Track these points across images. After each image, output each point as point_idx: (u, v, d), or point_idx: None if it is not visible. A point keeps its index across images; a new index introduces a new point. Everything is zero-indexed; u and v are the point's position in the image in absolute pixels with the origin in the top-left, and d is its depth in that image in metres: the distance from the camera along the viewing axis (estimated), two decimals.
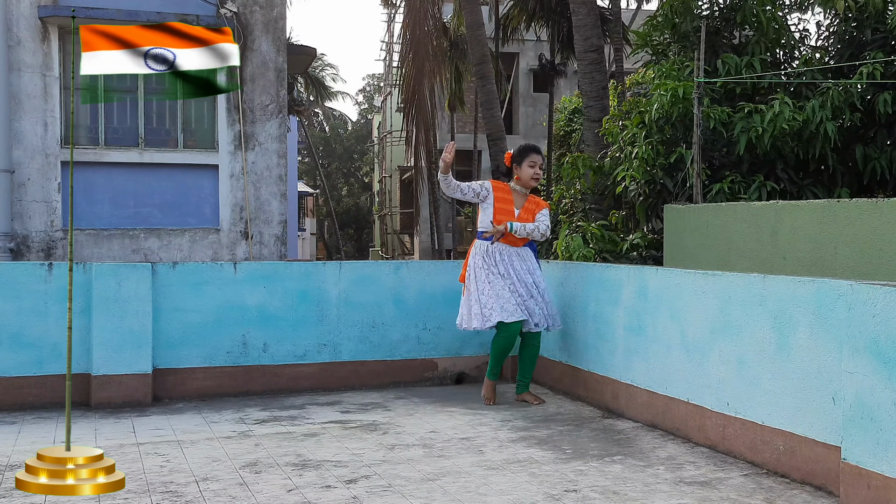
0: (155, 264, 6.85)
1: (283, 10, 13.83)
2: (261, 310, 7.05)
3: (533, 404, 6.66)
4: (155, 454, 5.18)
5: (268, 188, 13.56)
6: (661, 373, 5.78)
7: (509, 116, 31.94)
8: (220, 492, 4.43)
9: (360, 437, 5.64)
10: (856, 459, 4.03)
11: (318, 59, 50.31)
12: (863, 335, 3.98)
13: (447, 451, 5.25)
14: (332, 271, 7.28)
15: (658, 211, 8.74)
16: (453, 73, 27.36)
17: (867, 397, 3.95)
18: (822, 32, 9.44)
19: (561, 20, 21.77)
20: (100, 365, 6.55)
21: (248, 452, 5.22)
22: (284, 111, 13.91)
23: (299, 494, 4.38)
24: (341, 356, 7.26)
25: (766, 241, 6.77)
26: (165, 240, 13.09)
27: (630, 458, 5.09)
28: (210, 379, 6.92)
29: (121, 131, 13.19)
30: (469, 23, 16.78)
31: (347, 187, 60.73)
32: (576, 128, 22.18)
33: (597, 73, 11.38)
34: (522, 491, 4.45)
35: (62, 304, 6.53)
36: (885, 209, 5.82)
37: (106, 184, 12.86)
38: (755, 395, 4.89)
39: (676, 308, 5.61)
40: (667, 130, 8.82)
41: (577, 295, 6.84)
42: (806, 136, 8.20)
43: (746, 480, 4.63)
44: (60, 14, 12.60)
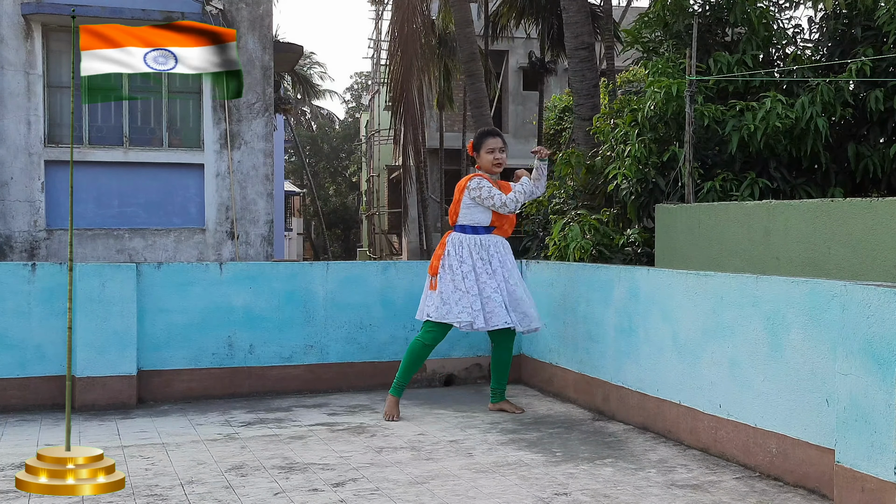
0: (139, 265, 6.77)
1: (269, 7, 13.76)
2: (247, 311, 6.97)
3: (513, 413, 6.36)
4: (140, 457, 5.10)
5: (254, 187, 13.48)
6: (652, 374, 5.72)
7: (499, 115, 31.90)
8: (206, 495, 4.36)
9: (347, 439, 5.57)
10: (850, 462, 3.98)
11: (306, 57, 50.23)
12: (857, 336, 3.93)
13: (436, 454, 5.19)
14: (319, 272, 7.20)
15: (650, 210, 8.69)
16: (442, 71, 27.32)
17: (861, 399, 3.90)
18: (812, 29, 9.42)
19: (551, 17, 21.76)
20: (83, 367, 6.46)
21: (234, 455, 5.15)
22: (271, 109, 13.85)
23: (286, 498, 4.31)
24: (328, 358, 7.19)
25: (759, 240, 6.73)
26: (150, 240, 12.99)
27: (621, 461, 5.04)
28: (195, 381, 6.84)
29: (105, 130, 13.10)
30: (458, 20, 16.73)
31: (335, 187, 60.65)
32: (566, 126, 22.17)
33: (588, 71, 11.34)
34: (512, 494, 4.39)
35: (45, 305, 6.45)
36: (879, 208, 5.78)
37: (90, 183, 12.76)
38: (748, 397, 4.84)
39: (668, 309, 5.55)
40: (659, 129, 8.79)
41: (567, 295, 6.78)
42: (797, 132, 8.16)
43: (739, 484, 4.58)
44: (44, 11, 12.49)
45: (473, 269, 6.18)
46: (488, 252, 6.23)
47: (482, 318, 6.11)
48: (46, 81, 12.86)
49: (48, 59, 12.89)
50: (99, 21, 11.61)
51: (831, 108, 8.26)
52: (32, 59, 12.69)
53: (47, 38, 12.86)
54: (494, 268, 6.22)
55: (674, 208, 7.70)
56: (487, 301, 6.15)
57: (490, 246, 6.24)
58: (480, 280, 6.17)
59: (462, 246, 6.22)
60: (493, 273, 6.20)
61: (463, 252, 6.20)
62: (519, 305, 6.24)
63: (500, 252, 6.27)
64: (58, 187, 12.73)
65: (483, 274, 6.18)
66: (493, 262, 6.22)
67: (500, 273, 6.22)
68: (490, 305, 6.14)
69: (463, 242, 6.23)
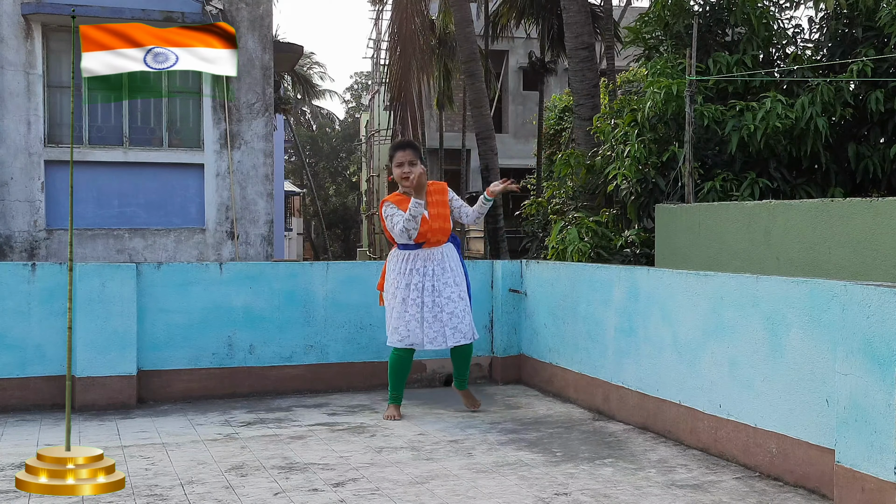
0: (139, 264, 6.76)
1: (269, 7, 13.75)
2: (247, 311, 6.97)
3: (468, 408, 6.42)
4: (140, 457, 5.10)
5: (254, 187, 13.47)
6: (652, 374, 5.72)
7: (499, 115, 31.91)
8: (206, 495, 4.35)
9: (347, 439, 5.56)
10: (850, 462, 3.98)
11: (306, 57, 50.22)
12: (857, 336, 3.93)
13: (436, 454, 5.18)
14: (319, 272, 7.20)
15: (650, 210, 8.69)
16: (442, 70, 27.31)
17: (861, 399, 3.90)
18: (812, 29, 9.43)
19: (551, 17, 21.75)
20: (84, 367, 6.46)
21: (234, 455, 5.14)
22: (271, 109, 13.84)
23: (286, 498, 4.31)
24: (328, 357, 7.18)
25: (759, 241, 6.73)
26: (150, 240, 12.98)
27: (621, 461, 5.03)
28: (195, 381, 6.83)
29: (105, 130, 13.09)
30: (457, 20, 16.73)
31: (335, 186, 60.65)
32: (566, 126, 22.16)
33: (588, 71, 11.34)
34: (512, 494, 4.39)
35: (45, 304, 6.45)
36: (879, 208, 5.78)
37: (90, 183, 12.75)
38: (748, 397, 4.84)
39: (668, 309, 5.55)
40: (659, 129, 8.79)
41: (567, 295, 6.78)
42: (797, 132, 8.17)
43: (739, 484, 4.58)
44: (44, 11, 12.49)
45: (397, 286, 6.16)
46: (415, 266, 6.14)
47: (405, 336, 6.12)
48: (46, 81, 12.85)
49: (48, 59, 12.88)
50: (99, 21, 11.59)
51: (831, 109, 8.27)
52: (32, 59, 12.68)
53: (47, 38, 12.85)
54: (416, 283, 6.12)
55: (674, 208, 7.70)
56: (402, 319, 6.12)
57: (418, 260, 6.15)
58: (397, 298, 6.14)
59: (390, 263, 6.25)
60: (414, 288, 6.12)
61: (391, 271, 6.22)
62: (450, 320, 6.14)
63: (429, 265, 6.16)
64: (58, 187, 12.72)
65: (403, 290, 6.13)
66: (415, 277, 6.12)
67: (421, 288, 6.12)
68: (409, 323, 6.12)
69: (391, 259, 6.26)
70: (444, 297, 6.13)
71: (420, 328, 6.10)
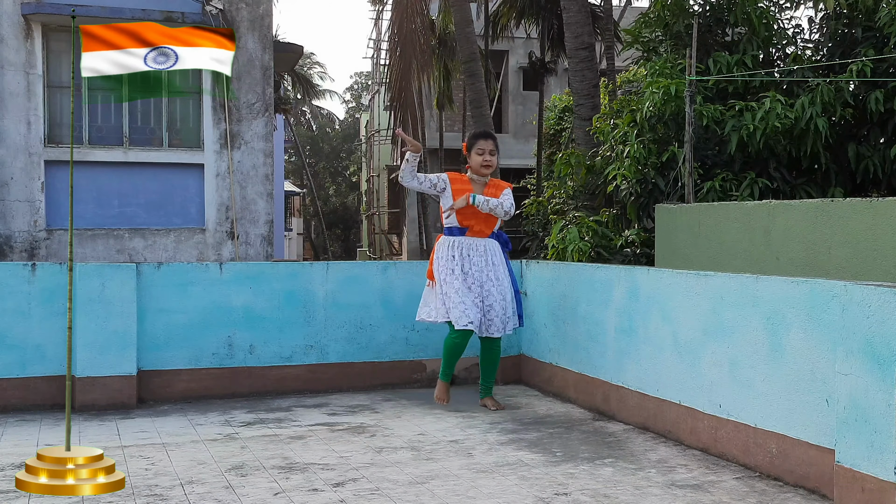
0: (139, 265, 6.76)
1: (269, 7, 13.75)
2: (247, 311, 6.97)
3: (491, 409, 6.48)
4: (140, 457, 5.10)
5: (254, 187, 13.47)
6: (652, 374, 5.72)
7: (499, 115, 31.91)
8: (206, 495, 4.35)
9: (347, 439, 5.56)
10: (850, 462, 3.98)
11: (306, 57, 50.22)
12: (857, 336, 3.93)
13: (436, 454, 5.18)
14: (318, 272, 7.20)
15: (650, 210, 8.70)
16: (441, 70, 27.31)
17: (861, 399, 3.90)
18: (812, 29, 9.43)
19: (551, 17, 21.75)
20: (84, 367, 6.45)
21: (234, 455, 5.14)
22: (271, 109, 13.84)
23: (286, 498, 4.31)
24: (328, 358, 7.18)
25: (759, 241, 6.73)
26: (150, 240, 12.98)
27: (621, 461, 5.03)
28: (195, 381, 6.83)
29: (105, 130, 13.09)
30: (457, 20, 16.73)
31: (335, 187, 60.64)
32: (566, 126, 22.16)
33: (588, 71, 11.35)
34: (512, 494, 4.39)
35: (45, 305, 6.45)
36: (879, 208, 5.78)
37: (90, 183, 12.75)
38: (748, 397, 4.84)
39: (668, 309, 5.55)
40: (659, 129, 8.79)
41: (567, 295, 6.78)
42: (797, 132, 8.17)
43: (739, 484, 4.58)
44: (44, 11, 12.49)
45: (451, 271, 6.38)
46: (459, 253, 6.40)
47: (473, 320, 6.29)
48: (46, 81, 12.85)
49: (48, 59, 12.89)
50: (99, 21, 11.59)
51: (831, 109, 8.27)
52: (32, 59, 12.69)
53: (47, 38, 12.85)
54: (466, 270, 6.37)
55: (674, 208, 7.70)
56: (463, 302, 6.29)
57: (462, 247, 6.42)
58: (453, 284, 6.33)
59: (438, 250, 6.50)
60: (469, 274, 6.38)
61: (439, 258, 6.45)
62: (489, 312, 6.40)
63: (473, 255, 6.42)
64: (58, 187, 12.72)
65: (460, 275, 6.36)
66: (466, 264, 6.38)
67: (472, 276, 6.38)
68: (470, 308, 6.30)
69: (439, 247, 6.50)
70: (485, 289, 6.39)
71: (493, 313, 6.39)
